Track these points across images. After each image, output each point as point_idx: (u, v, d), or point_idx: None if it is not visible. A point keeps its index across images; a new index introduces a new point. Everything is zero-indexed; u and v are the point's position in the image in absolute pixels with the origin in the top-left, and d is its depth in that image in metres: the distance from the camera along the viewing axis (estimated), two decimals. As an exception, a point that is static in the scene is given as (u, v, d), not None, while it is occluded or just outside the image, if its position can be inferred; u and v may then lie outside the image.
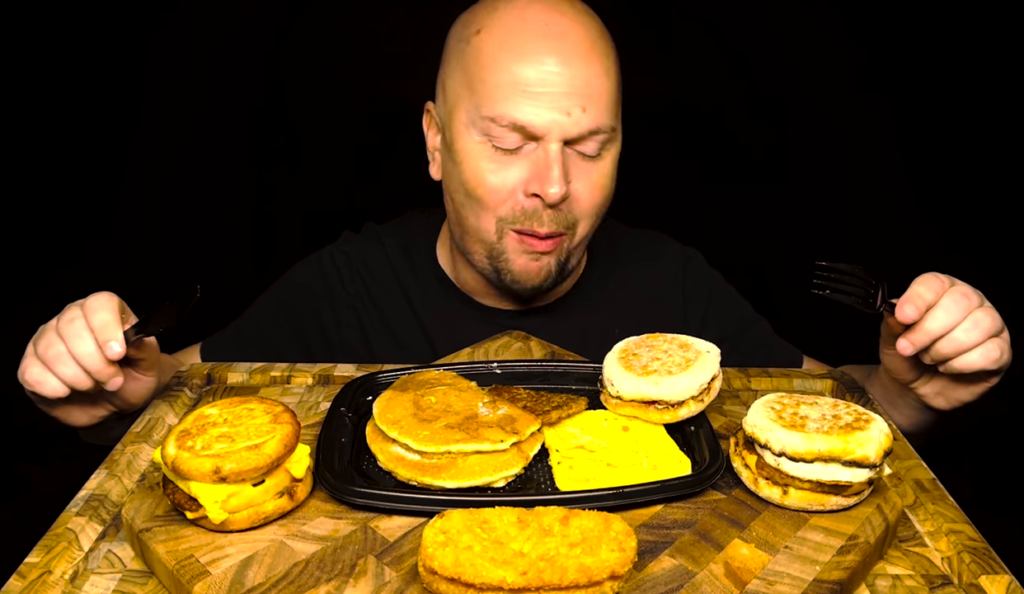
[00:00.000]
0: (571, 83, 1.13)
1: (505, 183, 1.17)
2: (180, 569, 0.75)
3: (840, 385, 1.18)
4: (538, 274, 1.23)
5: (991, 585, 0.79)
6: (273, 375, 1.20)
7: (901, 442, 1.03)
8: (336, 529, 0.80)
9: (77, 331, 0.98)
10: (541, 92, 1.12)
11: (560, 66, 1.12)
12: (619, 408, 0.96)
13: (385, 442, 0.89)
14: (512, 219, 1.19)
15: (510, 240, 1.20)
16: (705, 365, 0.95)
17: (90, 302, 1.01)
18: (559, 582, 0.68)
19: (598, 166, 1.19)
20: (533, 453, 0.89)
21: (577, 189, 1.18)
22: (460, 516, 0.74)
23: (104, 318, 0.98)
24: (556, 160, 1.13)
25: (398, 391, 0.97)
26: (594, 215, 1.23)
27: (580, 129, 1.14)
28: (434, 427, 0.88)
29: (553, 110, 1.12)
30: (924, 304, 0.99)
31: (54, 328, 1.00)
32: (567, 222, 1.19)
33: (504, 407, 0.93)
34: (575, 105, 1.13)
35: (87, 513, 0.88)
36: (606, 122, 1.16)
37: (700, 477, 0.85)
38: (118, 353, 0.98)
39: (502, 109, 1.13)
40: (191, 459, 0.77)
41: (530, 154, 1.16)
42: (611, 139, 1.20)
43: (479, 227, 1.21)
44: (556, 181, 1.13)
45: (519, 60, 1.13)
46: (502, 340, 1.24)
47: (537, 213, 1.17)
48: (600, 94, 1.15)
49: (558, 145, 1.14)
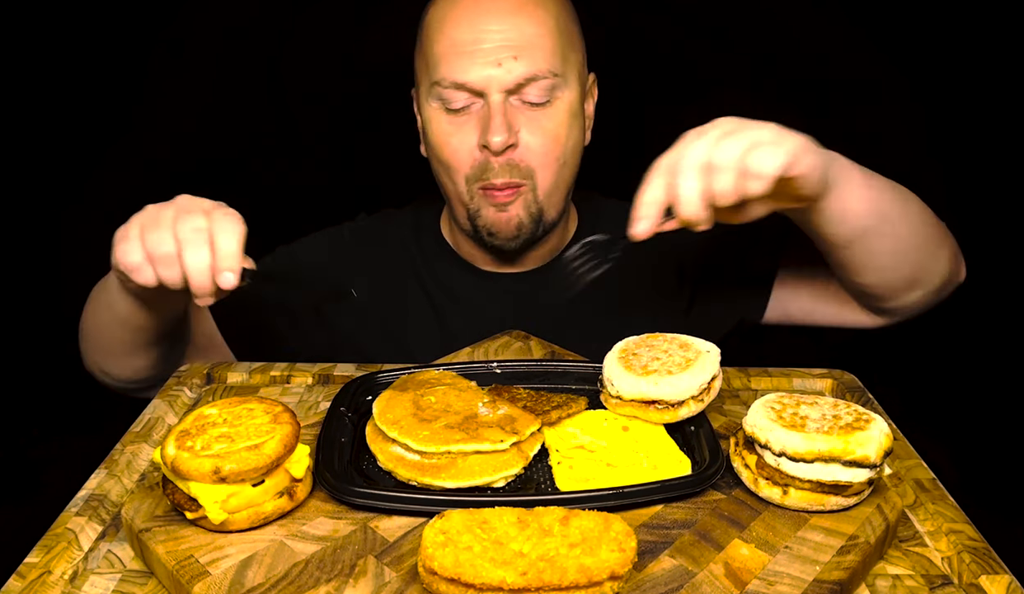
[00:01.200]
0: (503, 37, 1.20)
1: (462, 142, 1.25)
2: (180, 569, 0.75)
3: (840, 385, 1.18)
4: (508, 225, 1.28)
5: (991, 585, 0.79)
6: (273, 375, 1.20)
7: (901, 442, 1.03)
8: (336, 529, 0.80)
9: (197, 243, 0.91)
10: (476, 50, 1.20)
11: (492, 23, 1.21)
12: (619, 408, 0.96)
13: (385, 442, 0.89)
14: (475, 176, 1.26)
15: (479, 197, 1.27)
16: (705, 365, 0.95)
17: (219, 218, 0.93)
18: (559, 582, 0.68)
19: (547, 113, 1.24)
20: (533, 453, 0.89)
21: (526, 139, 1.24)
22: (460, 516, 0.74)
23: (231, 246, 0.92)
24: (497, 110, 1.21)
25: (398, 391, 0.97)
26: (554, 163, 1.26)
27: (515, 77, 1.21)
28: (434, 427, 0.88)
29: (487, 65, 1.20)
30: (645, 211, 0.93)
31: (170, 225, 0.92)
32: (522, 172, 1.25)
33: (504, 407, 0.93)
34: (507, 56, 1.20)
35: (87, 513, 0.88)
36: (543, 67, 1.22)
37: (700, 477, 0.85)
38: (230, 286, 0.93)
39: (444, 71, 1.22)
40: (191, 459, 0.77)
41: (479, 110, 1.24)
42: (558, 86, 1.24)
43: (454, 190, 1.30)
44: (497, 129, 1.20)
45: (456, 24, 1.22)
46: (502, 340, 1.24)
47: (490, 165, 1.24)
48: (534, 41, 1.21)
49: (500, 96, 1.21)
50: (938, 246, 1.18)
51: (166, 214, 0.93)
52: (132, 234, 0.93)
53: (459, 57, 1.21)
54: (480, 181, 1.25)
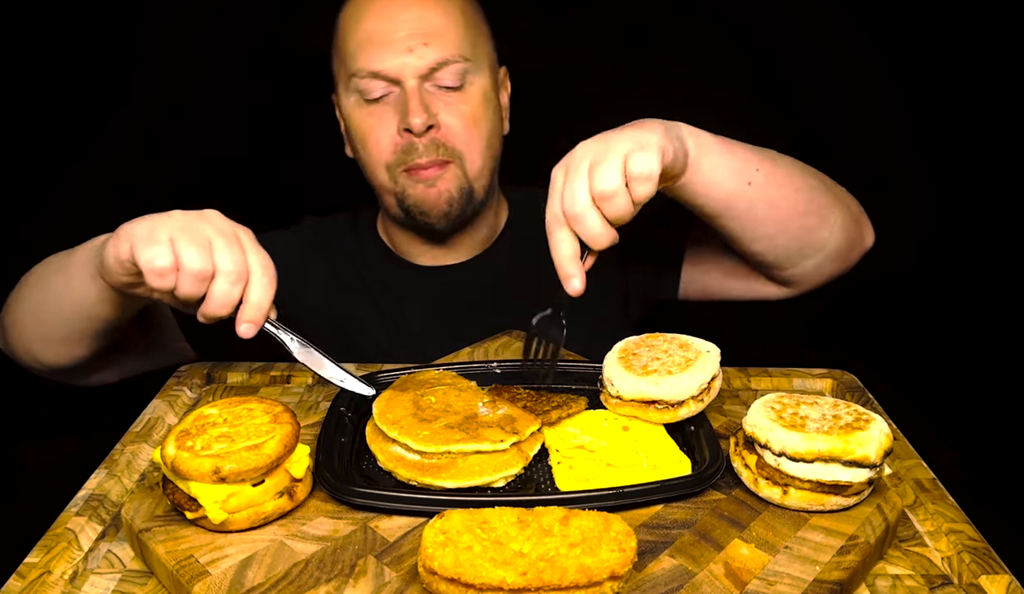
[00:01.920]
0: (413, 25, 1.27)
1: (383, 130, 1.29)
2: (180, 569, 0.75)
3: (840, 385, 1.18)
4: (438, 199, 1.31)
5: (991, 585, 0.79)
6: (273, 375, 1.20)
7: (901, 442, 1.03)
8: (336, 529, 0.80)
9: (232, 278, 0.90)
10: (388, 40, 1.26)
11: (401, 13, 1.27)
12: (619, 408, 0.96)
13: (385, 442, 0.89)
14: (397, 162, 1.30)
15: (403, 179, 1.31)
16: (705, 365, 0.95)
17: (258, 266, 0.92)
18: (559, 582, 0.68)
19: (462, 96, 1.30)
20: (533, 453, 0.89)
21: (446, 120, 1.29)
22: (460, 516, 0.74)
23: (263, 301, 0.91)
24: (413, 94, 1.26)
25: (398, 391, 0.97)
26: (478, 144, 1.32)
27: (428, 62, 1.26)
28: (434, 427, 0.88)
29: (400, 52, 1.26)
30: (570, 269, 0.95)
31: (207, 244, 0.89)
32: (448, 150, 1.29)
33: (504, 407, 0.93)
34: (418, 42, 1.26)
35: (87, 513, 0.88)
36: (454, 52, 1.28)
37: (700, 477, 0.85)
38: (246, 337, 0.92)
39: (360, 62, 1.28)
40: (191, 459, 0.77)
41: (396, 99, 1.29)
42: (470, 70, 1.30)
43: (379, 180, 1.33)
44: (415, 111, 1.25)
45: (369, 18, 1.29)
46: (502, 340, 1.25)
47: (414, 147, 1.28)
48: (441, 29, 1.28)
49: (414, 81, 1.27)
50: (827, 211, 1.20)
51: (201, 230, 0.91)
52: (161, 238, 0.89)
53: (373, 47, 1.27)
54: (403, 164, 1.29)
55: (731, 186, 1.10)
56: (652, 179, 0.93)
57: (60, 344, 1.17)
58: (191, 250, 0.88)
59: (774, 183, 1.13)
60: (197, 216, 0.92)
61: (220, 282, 0.90)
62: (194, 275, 0.89)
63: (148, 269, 0.89)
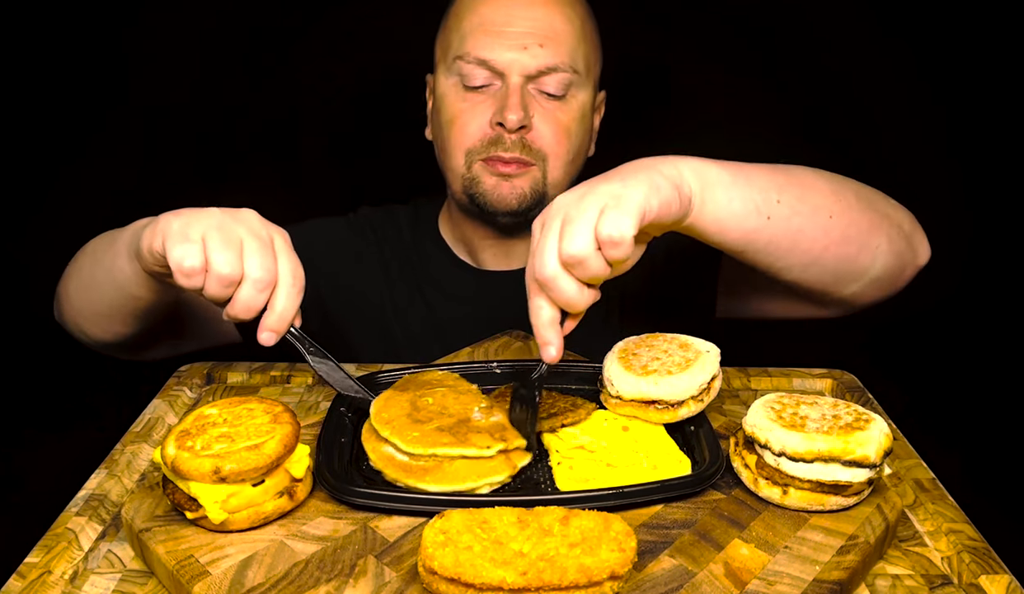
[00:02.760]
0: (532, 23, 1.25)
1: (474, 117, 1.28)
2: (180, 569, 0.75)
3: (840, 385, 1.18)
4: (511, 194, 1.29)
5: (991, 585, 0.79)
6: (273, 375, 1.20)
7: (901, 442, 1.03)
8: (336, 529, 0.80)
9: (260, 284, 0.89)
10: (503, 31, 1.25)
11: (523, 8, 1.26)
12: (619, 408, 0.96)
13: (378, 441, 0.88)
14: (479, 150, 1.29)
15: (478, 168, 1.30)
16: (705, 365, 0.95)
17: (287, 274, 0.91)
18: (559, 582, 0.68)
19: (563, 107, 1.29)
20: (522, 463, 0.87)
21: (539, 125, 1.28)
22: (460, 516, 0.74)
23: (288, 311, 0.91)
24: (515, 91, 1.25)
25: (398, 391, 0.96)
26: (564, 155, 1.30)
27: (538, 64, 1.25)
28: (425, 429, 0.87)
29: (513, 47, 1.25)
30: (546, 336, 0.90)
31: (239, 248, 0.89)
32: (534, 153, 1.28)
33: (499, 414, 0.91)
34: (533, 42, 1.25)
35: (87, 513, 0.88)
36: (565, 61, 1.26)
37: (700, 477, 0.85)
38: (267, 344, 0.92)
39: (469, 46, 1.26)
40: (191, 459, 0.77)
41: (496, 91, 1.28)
42: (576, 83, 1.29)
43: (454, 164, 1.32)
44: (514, 107, 1.24)
45: (488, 5, 1.27)
46: (502, 340, 1.25)
47: (501, 139, 1.27)
48: (560, 35, 1.26)
49: (519, 79, 1.25)
50: (868, 235, 1.09)
51: (235, 231, 0.90)
52: (194, 235, 0.89)
53: (487, 35, 1.25)
54: (484, 154, 1.28)
55: (749, 223, 0.99)
56: (623, 243, 0.83)
57: (104, 319, 1.19)
58: (221, 253, 0.88)
59: (800, 213, 1.02)
60: (233, 216, 0.91)
61: (247, 287, 0.89)
62: (221, 279, 0.88)
63: (176, 268, 0.89)
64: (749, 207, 0.99)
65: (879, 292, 1.18)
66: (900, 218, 1.15)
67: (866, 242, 1.09)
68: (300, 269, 0.93)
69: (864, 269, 1.12)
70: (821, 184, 1.07)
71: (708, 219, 0.97)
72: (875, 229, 1.10)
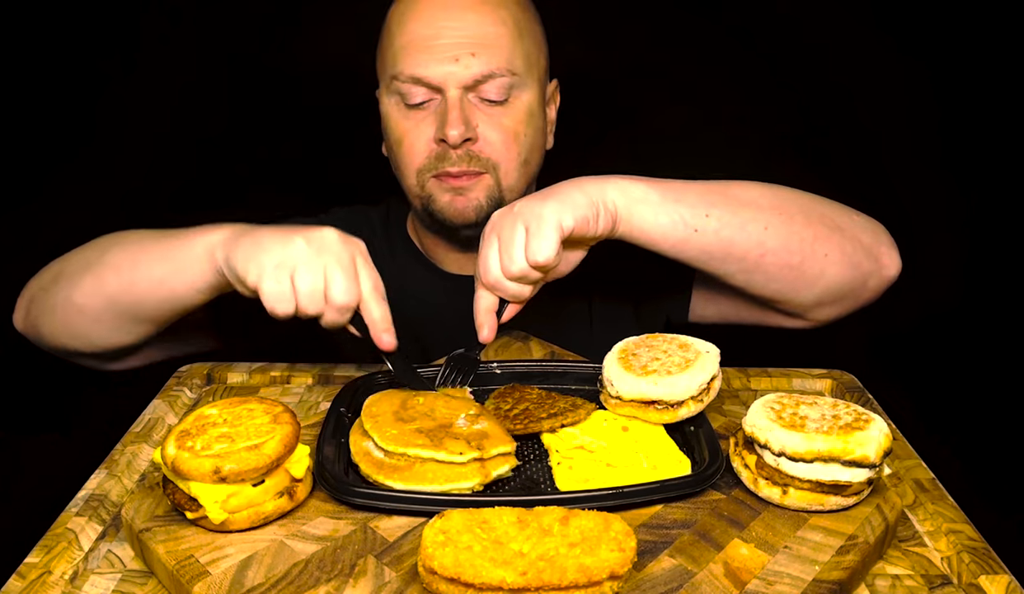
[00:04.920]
0: (462, 33, 1.22)
1: (419, 136, 1.26)
2: (180, 569, 0.75)
3: (839, 385, 1.18)
4: (467, 207, 1.28)
5: (991, 585, 0.79)
6: (273, 375, 1.20)
7: (901, 442, 1.04)
8: (336, 529, 0.80)
9: (341, 311, 1.00)
10: (433, 45, 1.22)
11: (450, 20, 1.23)
12: (619, 408, 0.96)
13: (362, 436, 0.89)
14: (428, 167, 1.27)
15: (431, 185, 1.29)
16: (705, 365, 0.95)
17: (371, 284, 1.02)
18: (559, 582, 0.68)
19: (507, 111, 1.26)
20: (496, 473, 0.85)
21: (485, 133, 1.25)
22: (460, 516, 0.74)
23: (383, 316, 1.02)
24: (454, 105, 1.22)
25: (396, 389, 0.97)
26: (515, 158, 1.28)
27: (473, 73, 1.22)
28: (404, 428, 0.87)
29: (445, 61, 1.22)
30: (482, 320, 1.08)
31: (324, 278, 0.99)
32: (483, 162, 1.26)
33: (485, 423, 0.90)
34: (465, 52, 1.22)
35: (87, 513, 0.88)
36: (502, 65, 1.23)
37: (700, 477, 0.85)
38: (389, 348, 1.03)
39: (402, 65, 1.24)
40: (191, 459, 0.77)
41: (437, 106, 1.25)
42: (517, 84, 1.26)
43: (408, 183, 1.31)
44: (454, 123, 1.21)
45: (415, 20, 1.24)
46: (502, 340, 1.25)
47: (447, 155, 1.25)
48: (493, 39, 1.23)
49: (457, 91, 1.23)
50: (812, 245, 1.15)
51: (320, 265, 0.99)
52: (284, 275, 0.97)
53: (417, 52, 1.22)
54: (432, 171, 1.27)
55: (676, 234, 1.10)
56: (547, 264, 1.00)
57: (115, 327, 1.18)
58: (309, 293, 0.97)
59: (730, 225, 1.11)
60: (317, 246, 0.99)
61: (330, 313, 0.99)
62: (308, 315, 0.99)
63: (269, 308, 0.98)
64: (676, 220, 1.09)
65: (841, 303, 1.22)
66: (858, 231, 1.19)
67: (811, 252, 1.15)
68: (378, 277, 1.04)
69: (813, 278, 1.16)
70: (761, 199, 1.14)
71: (636, 231, 1.09)
72: (821, 240, 1.15)
